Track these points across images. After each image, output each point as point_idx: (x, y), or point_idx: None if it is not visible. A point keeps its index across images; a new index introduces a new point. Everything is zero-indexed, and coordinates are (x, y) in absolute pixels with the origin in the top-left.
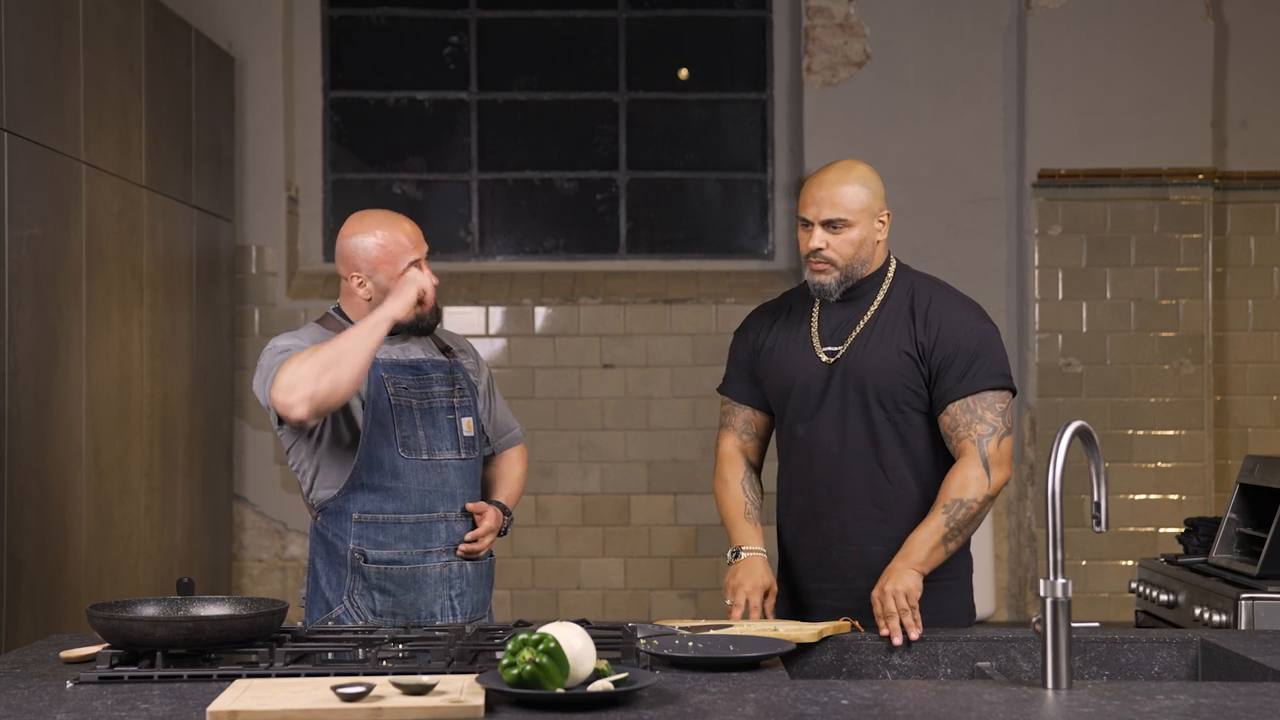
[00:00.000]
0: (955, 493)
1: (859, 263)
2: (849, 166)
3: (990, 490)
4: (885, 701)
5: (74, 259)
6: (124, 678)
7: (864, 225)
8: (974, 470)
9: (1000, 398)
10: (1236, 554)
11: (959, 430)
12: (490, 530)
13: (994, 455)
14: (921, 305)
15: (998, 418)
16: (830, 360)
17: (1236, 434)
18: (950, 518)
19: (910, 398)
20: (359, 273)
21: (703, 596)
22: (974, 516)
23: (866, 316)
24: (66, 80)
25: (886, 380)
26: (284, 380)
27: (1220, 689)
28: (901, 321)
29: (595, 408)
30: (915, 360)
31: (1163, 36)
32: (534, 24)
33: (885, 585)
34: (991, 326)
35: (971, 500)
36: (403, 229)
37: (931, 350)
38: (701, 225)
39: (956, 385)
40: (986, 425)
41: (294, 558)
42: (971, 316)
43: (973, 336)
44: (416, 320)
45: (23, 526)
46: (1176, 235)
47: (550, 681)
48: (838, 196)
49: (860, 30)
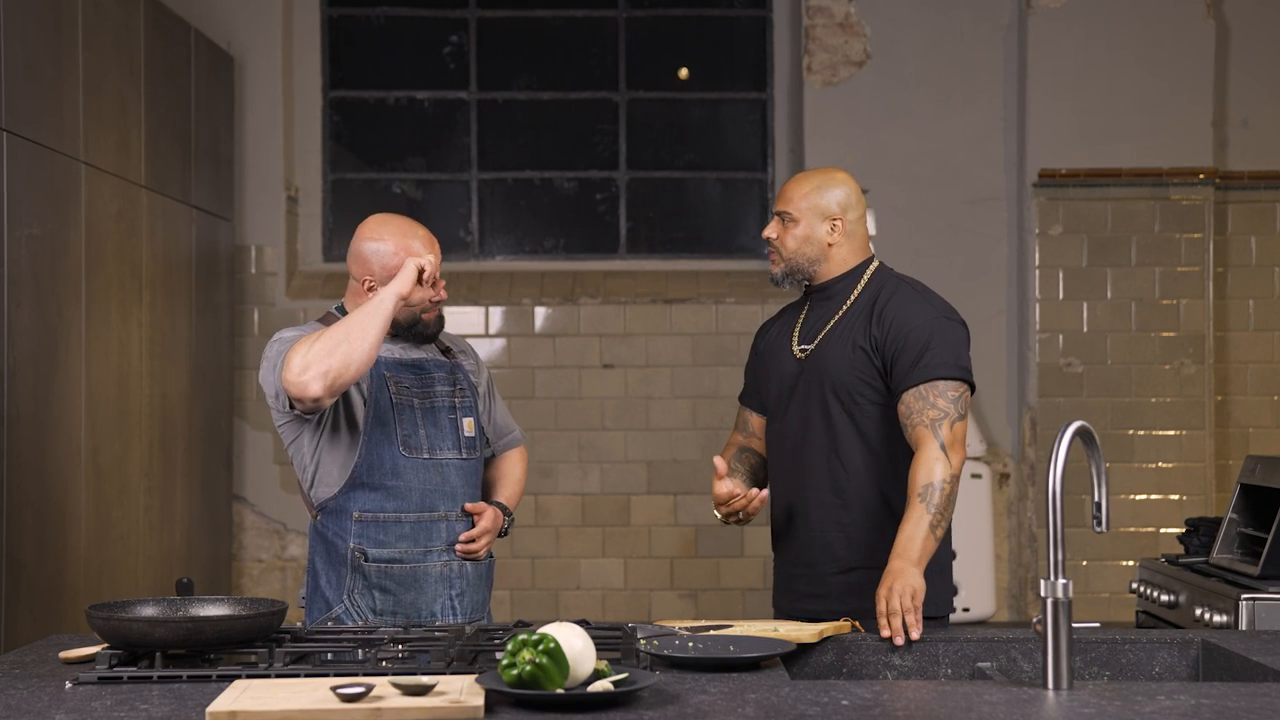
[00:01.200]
0: (924, 479)
1: (804, 259)
2: (822, 170)
3: (953, 471)
4: (886, 702)
5: (73, 259)
6: (123, 678)
7: (809, 223)
8: (933, 453)
9: (953, 386)
10: (1237, 554)
11: (913, 417)
12: (488, 531)
13: (948, 438)
14: (881, 302)
15: (950, 404)
16: (802, 357)
17: (1237, 434)
18: (929, 504)
19: (865, 390)
20: (372, 277)
21: (703, 597)
22: (948, 497)
23: (836, 316)
24: (66, 80)
25: (842, 374)
26: (296, 362)
27: (1221, 689)
28: (861, 319)
29: (595, 408)
30: (868, 353)
31: (1163, 36)
32: (534, 23)
33: (891, 584)
34: (948, 322)
35: (941, 483)
36: (416, 235)
37: (884, 342)
38: (701, 225)
39: (909, 374)
40: (939, 411)
41: (293, 558)
42: (926, 311)
43: (924, 328)
44: (418, 327)
45: (22, 526)
46: (1177, 235)
47: (550, 682)
48: (790, 191)
49: (860, 30)
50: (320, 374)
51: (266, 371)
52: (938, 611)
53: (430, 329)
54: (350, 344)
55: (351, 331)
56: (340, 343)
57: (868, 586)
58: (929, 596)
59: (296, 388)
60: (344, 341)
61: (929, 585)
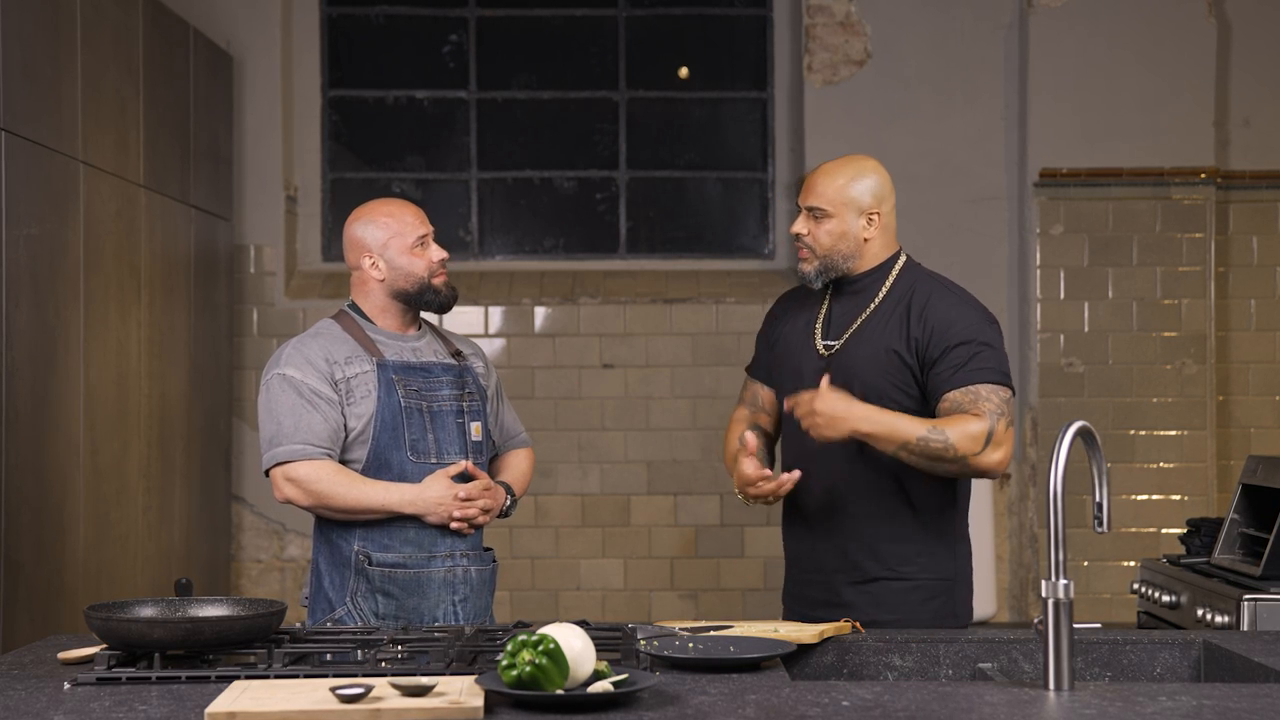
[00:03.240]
0: (950, 434)
1: (839, 255)
2: (851, 159)
3: (974, 460)
4: (886, 703)
5: (71, 259)
6: (122, 679)
7: (844, 218)
8: (978, 427)
9: (999, 390)
10: (1239, 555)
11: (963, 408)
12: (488, 489)
13: (999, 434)
14: (919, 303)
15: (1003, 404)
16: (827, 354)
17: (1239, 434)
18: (924, 441)
19: (896, 394)
20: (370, 254)
21: (703, 597)
22: (939, 458)
23: (865, 313)
24: (64, 79)
25: (872, 376)
26: (294, 474)
27: (1223, 690)
28: (896, 318)
29: (595, 408)
30: (903, 357)
31: (1165, 35)
32: (533, 22)
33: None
34: (992, 327)
35: (953, 447)
36: (407, 208)
37: (926, 346)
38: (702, 225)
39: (954, 376)
40: (995, 406)
41: (292, 558)
42: (971, 315)
43: (969, 332)
44: (428, 295)
45: (20, 527)
46: (1178, 235)
47: (550, 683)
48: (821, 185)
49: (861, 29)
50: (296, 496)
51: (264, 413)
52: (958, 622)
53: (443, 295)
54: (331, 507)
55: (350, 495)
56: (327, 501)
57: (891, 599)
58: (953, 607)
59: (275, 481)
60: (329, 501)
61: (953, 597)
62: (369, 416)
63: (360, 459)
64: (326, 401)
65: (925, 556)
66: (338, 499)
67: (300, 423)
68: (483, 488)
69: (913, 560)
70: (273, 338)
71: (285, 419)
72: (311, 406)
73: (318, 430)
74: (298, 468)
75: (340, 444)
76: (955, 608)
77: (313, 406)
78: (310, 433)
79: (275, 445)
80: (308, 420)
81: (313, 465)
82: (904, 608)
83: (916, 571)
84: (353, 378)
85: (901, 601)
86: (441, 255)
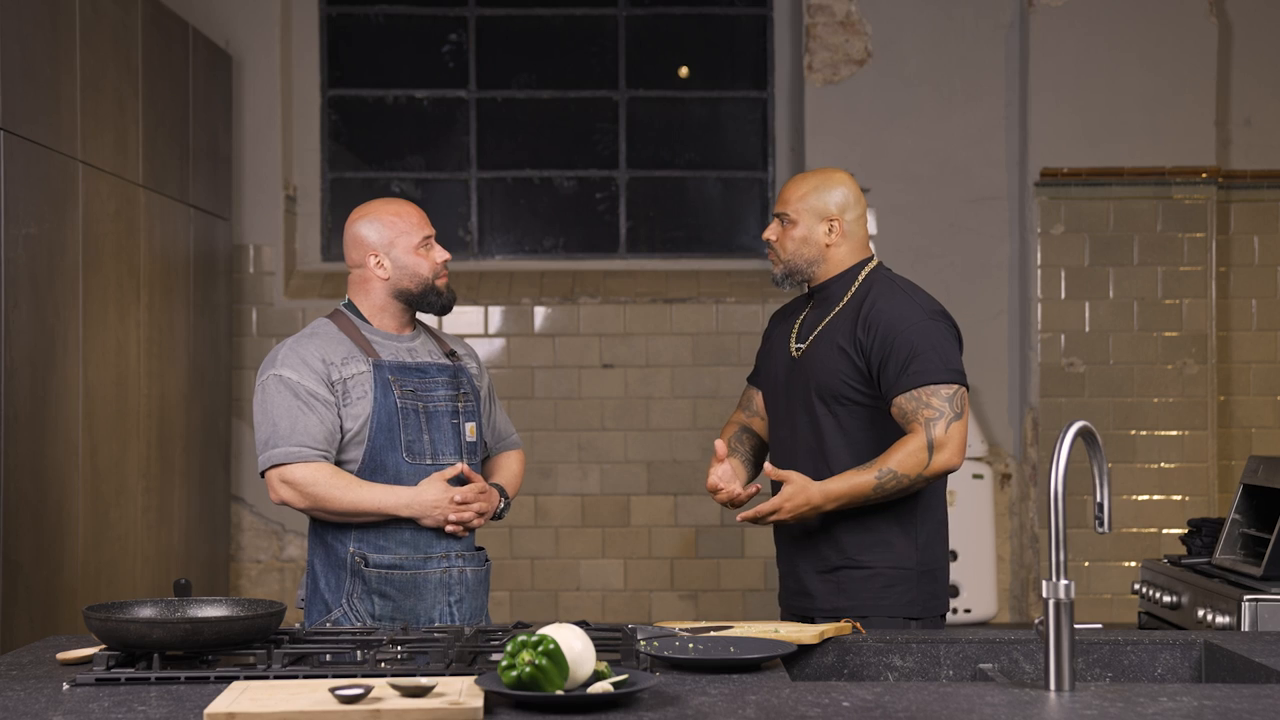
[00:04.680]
0: (894, 465)
1: (803, 260)
2: (822, 171)
3: (927, 471)
4: (887, 703)
5: (70, 258)
6: (121, 680)
7: (807, 225)
8: (916, 444)
9: (940, 390)
10: (1240, 555)
11: (908, 417)
12: (483, 492)
13: (939, 438)
14: (868, 305)
15: (944, 403)
16: (796, 356)
17: (1240, 434)
18: (880, 483)
19: (848, 390)
20: (376, 252)
21: (703, 598)
22: (903, 490)
23: (829, 317)
24: (63, 78)
25: (826, 375)
26: (290, 476)
27: (1224, 691)
28: (848, 320)
29: (595, 408)
30: (852, 358)
31: (1166, 34)
32: (533, 21)
33: (794, 494)
34: (934, 322)
35: (903, 476)
36: (411, 209)
37: (871, 347)
38: (702, 224)
39: (898, 380)
40: (934, 410)
41: (291, 559)
42: (911, 314)
43: (910, 332)
44: (430, 296)
45: (19, 528)
46: (1180, 234)
47: (549, 683)
48: (788, 192)
49: (861, 28)
50: (292, 498)
51: (259, 414)
52: (925, 613)
53: (445, 297)
54: (327, 510)
55: (346, 498)
56: (323, 504)
57: (851, 586)
58: (915, 597)
59: (271, 482)
60: (325, 504)
61: (915, 586)
62: (365, 417)
63: (356, 459)
64: (323, 403)
65: (883, 546)
66: (334, 501)
67: (296, 425)
68: (478, 491)
69: (871, 549)
70: (272, 337)
71: (281, 421)
72: (308, 408)
73: (314, 432)
74: (294, 470)
75: (336, 446)
76: (920, 598)
77: (309, 408)
78: (306, 435)
79: (271, 447)
80: (304, 422)
81: (309, 468)
82: (863, 595)
83: (874, 560)
84: (349, 378)
85: (861, 589)
86: (445, 256)
